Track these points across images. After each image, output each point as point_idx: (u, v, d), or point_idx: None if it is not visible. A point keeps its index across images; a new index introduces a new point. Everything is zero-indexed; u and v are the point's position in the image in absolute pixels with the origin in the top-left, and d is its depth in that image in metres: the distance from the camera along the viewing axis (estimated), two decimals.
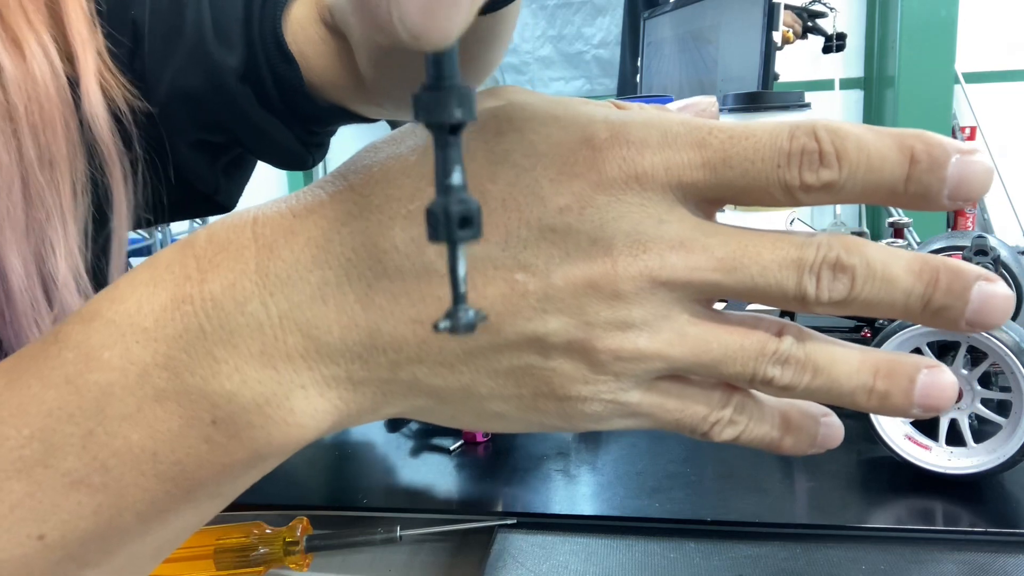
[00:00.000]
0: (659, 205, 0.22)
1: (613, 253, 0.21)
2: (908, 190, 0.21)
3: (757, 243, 0.23)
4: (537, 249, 0.21)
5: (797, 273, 0.22)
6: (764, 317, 0.25)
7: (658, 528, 0.39)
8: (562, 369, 0.22)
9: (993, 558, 0.36)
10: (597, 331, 0.22)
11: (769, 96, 0.99)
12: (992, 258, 0.50)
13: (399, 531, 0.40)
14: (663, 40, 1.97)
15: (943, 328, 0.24)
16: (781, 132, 0.22)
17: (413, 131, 0.23)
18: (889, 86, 4.33)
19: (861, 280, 0.22)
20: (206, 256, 0.22)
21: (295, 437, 0.22)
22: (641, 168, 0.21)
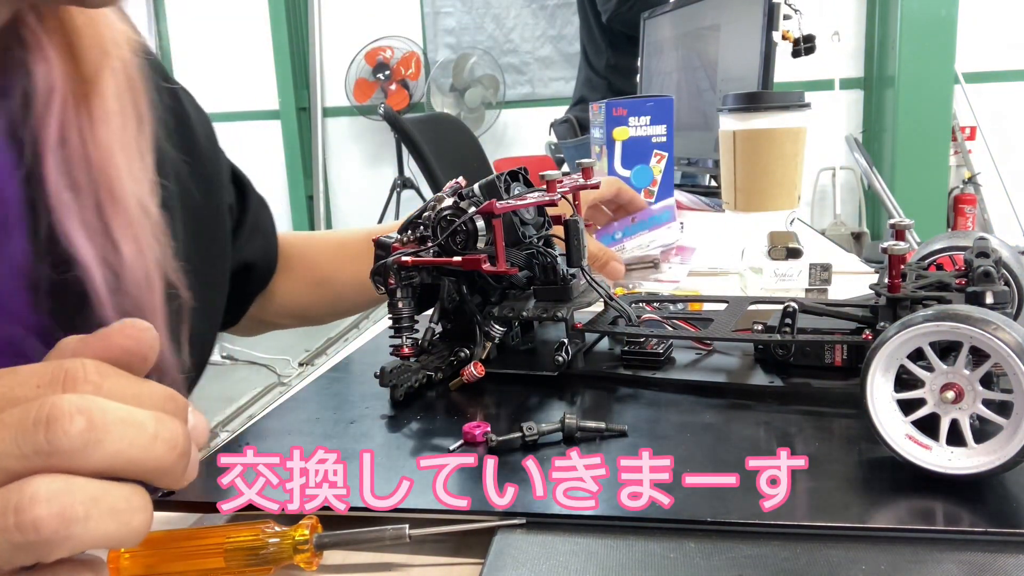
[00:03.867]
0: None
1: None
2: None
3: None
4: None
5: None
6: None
7: (658, 528, 0.39)
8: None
9: (993, 558, 0.36)
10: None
11: (769, 96, 0.99)
12: (993, 260, 0.50)
13: (408, 530, 0.40)
14: (663, 40, 1.97)
15: None
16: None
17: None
18: (889, 86, 4.32)
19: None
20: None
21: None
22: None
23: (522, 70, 4.96)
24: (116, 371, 0.29)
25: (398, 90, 4.85)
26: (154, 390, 0.29)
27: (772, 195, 1.00)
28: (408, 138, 2.44)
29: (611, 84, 2.68)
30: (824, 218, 4.65)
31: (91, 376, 0.28)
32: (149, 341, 0.30)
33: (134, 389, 0.29)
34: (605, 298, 0.61)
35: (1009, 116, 4.44)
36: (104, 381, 0.28)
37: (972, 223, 4.36)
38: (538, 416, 0.54)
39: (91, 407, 0.26)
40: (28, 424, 0.26)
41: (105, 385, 0.28)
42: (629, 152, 1.44)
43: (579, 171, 0.66)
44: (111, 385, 0.28)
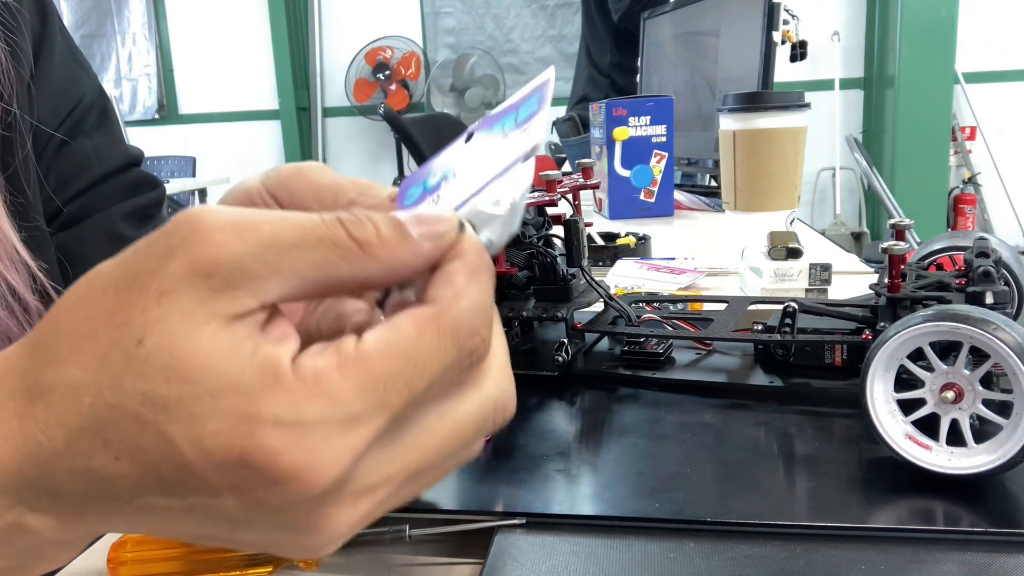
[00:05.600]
0: (345, 480, 0.24)
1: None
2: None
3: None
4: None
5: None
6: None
7: (658, 528, 0.39)
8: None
9: (993, 558, 0.36)
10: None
11: (769, 96, 0.99)
12: (993, 260, 0.50)
13: (408, 531, 0.40)
14: (663, 40, 1.97)
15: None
16: (447, 348, 0.24)
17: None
18: (889, 86, 4.33)
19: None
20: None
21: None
22: (323, 480, 0.23)
23: (522, 70, 4.96)
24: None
25: (398, 90, 4.85)
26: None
27: (772, 195, 1.00)
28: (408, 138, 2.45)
29: (614, 83, 2.69)
30: (824, 218, 4.66)
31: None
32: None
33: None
34: (605, 298, 0.61)
35: (1009, 116, 4.44)
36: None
37: (972, 223, 4.36)
38: (538, 416, 0.54)
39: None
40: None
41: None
42: (629, 152, 1.44)
43: (580, 170, 0.66)
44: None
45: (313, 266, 0.24)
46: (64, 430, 0.23)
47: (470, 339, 0.24)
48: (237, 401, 0.22)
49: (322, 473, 0.22)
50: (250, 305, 0.23)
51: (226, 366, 0.22)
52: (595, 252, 1.09)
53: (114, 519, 0.24)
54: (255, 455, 0.22)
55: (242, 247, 0.23)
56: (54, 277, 0.53)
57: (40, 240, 0.53)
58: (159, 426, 0.22)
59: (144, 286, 0.23)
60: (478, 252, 0.26)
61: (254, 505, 0.23)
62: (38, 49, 0.56)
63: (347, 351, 0.23)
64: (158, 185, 0.65)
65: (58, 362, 0.23)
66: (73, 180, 0.58)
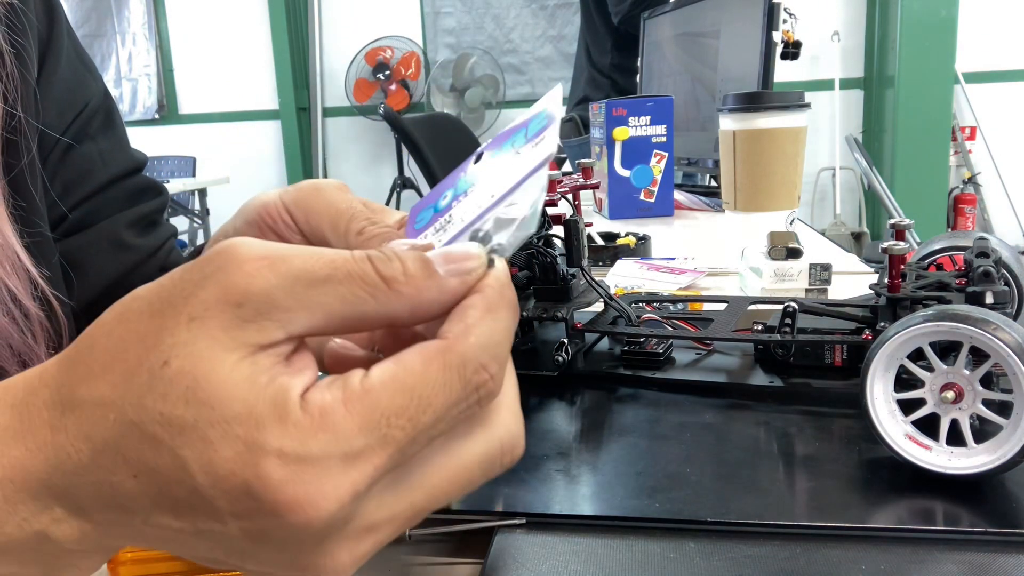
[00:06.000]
0: (347, 517, 0.24)
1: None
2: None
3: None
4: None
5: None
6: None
7: (658, 528, 0.39)
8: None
9: (993, 558, 0.36)
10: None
11: (769, 96, 0.99)
12: (993, 260, 0.50)
13: (408, 530, 0.40)
14: (663, 40, 1.97)
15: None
16: (452, 383, 0.24)
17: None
18: (889, 86, 4.33)
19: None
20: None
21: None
22: (322, 515, 0.23)
23: (522, 70, 4.96)
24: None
25: (398, 90, 4.85)
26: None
27: (772, 195, 1.00)
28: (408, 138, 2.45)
29: (615, 83, 2.69)
30: (824, 218, 4.66)
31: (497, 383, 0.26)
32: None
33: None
34: (605, 298, 0.61)
35: (1009, 116, 4.44)
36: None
37: (972, 223, 4.36)
38: (538, 416, 0.54)
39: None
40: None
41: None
42: (629, 152, 1.44)
43: (580, 170, 0.66)
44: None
45: (341, 301, 0.24)
46: (90, 445, 0.23)
47: (476, 374, 0.24)
48: (247, 430, 0.22)
49: (322, 507, 0.23)
50: (277, 336, 0.24)
51: (242, 394, 0.22)
52: (595, 252, 1.09)
53: (130, 536, 0.25)
54: (257, 485, 0.22)
55: (273, 279, 0.23)
56: (56, 284, 0.53)
57: (43, 246, 0.53)
58: (175, 448, 0.22)
59: (177, 310, 0.23)
60: (499, 289, 0.26)
61: (258, 536, 0.23)
62: (45, 52, 0.56)
63: (353, 386, 0.23)
64: (161, 192, 0.65)
65: (90, 379, 0.24)
66: (78, 185, 0.58)
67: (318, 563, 0.24)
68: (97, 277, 0.57)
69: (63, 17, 0.58)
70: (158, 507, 0.23)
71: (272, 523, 0.23)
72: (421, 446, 0.24)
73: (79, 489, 0.24)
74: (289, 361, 0.24)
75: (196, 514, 0.23)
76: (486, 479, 0.27)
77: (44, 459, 0.24)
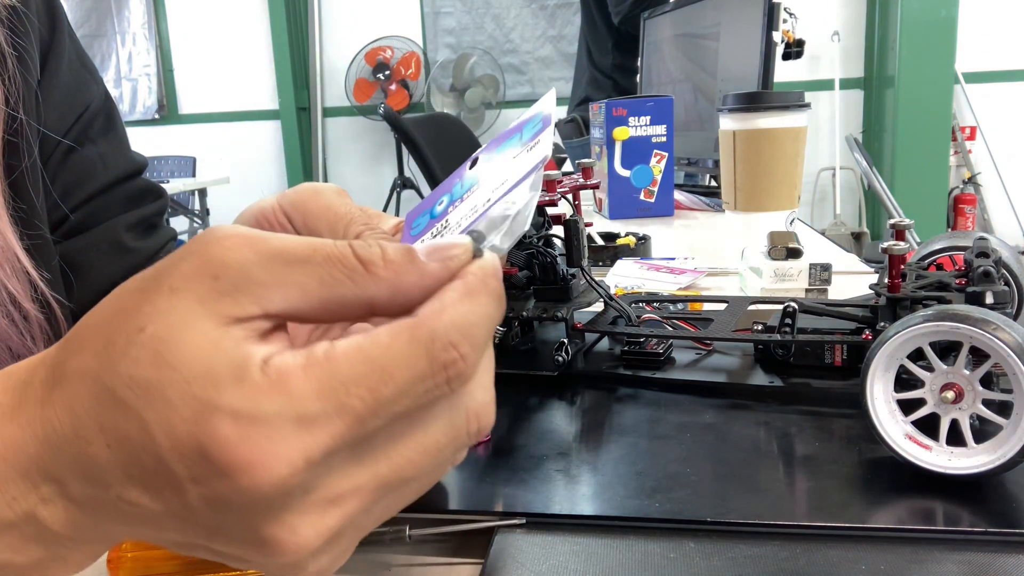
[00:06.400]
0: (305, 487, 0.23)
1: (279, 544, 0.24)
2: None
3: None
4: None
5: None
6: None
7: (658, 528, 0.39)
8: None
9: (993, 558, 0.36)
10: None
11: (769, 96, 0.99)
12: (993, 260, 0.50)
13: (408, 531, 0.40)
14: (663, 40, 1.97)
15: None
16: (417, 357, 0.24)
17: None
18: (889, 86, 4.33)
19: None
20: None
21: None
22: (272, 478, 0.22)
23: (522, 70, 4.96)
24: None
25: (398, 90, 4.85)
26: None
27: (772, 195, 1.00)
28: (408, 138, 2.45)
29: (617, 84, 2.69)
30: (824, 218, 4.66)
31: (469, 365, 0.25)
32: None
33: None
34: (605, 298, 0.61)
35: (1009, 116, 4.44)
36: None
37: (972, 223, 4.36)
38: (538, 416, 0.54)
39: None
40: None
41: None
42: (629, 152, 1.44)
43: (580, 170, 0.66)
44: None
45: (319, 281, 0.24)
46: (71, 415, 0.24)
47: (445, 351, 0.24)
48: (204, 390, 0.22)
49: (272, 469, 0.22)
50: (252, 311, 0.24)
51: (204, 356, 0.23)
52: (595, 252, 1.09)
53: (109, 518, 0.24)
54: (210, 444, 0.22)
55: (251, 255, 0.24)
56: (56, 286, 0.53)
57: (43, 248, 0.53)
58: (140, 411, 0.22)
59: (159, 283, 0.24)
60: (483, 276, 0.25)
61: (216, 503, 0.23)
62: (46, 54, 0.56)
63: (316, 353, 0.23)
64: (161, 195, 0.65)
65: (78, 352, 0.24)
66: (79, 188, 0.58)
67: (279, 536, 0.24)
68: (97, 279, 0.57)
69: (65, 20, 0.59)
70: (129, 479, 0.23)
71: (226, 486, 0.22)
72: (383, 420, 0.24)
73: (63, 463, 0.24)
74: (263, 337, 0.24)
75: (161, 485, 0.23)
76: (456, 450, 0.26)
77: (33, 434, 0.24)
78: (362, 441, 0.24)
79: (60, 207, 0.56)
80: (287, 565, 0.25)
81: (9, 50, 0.51)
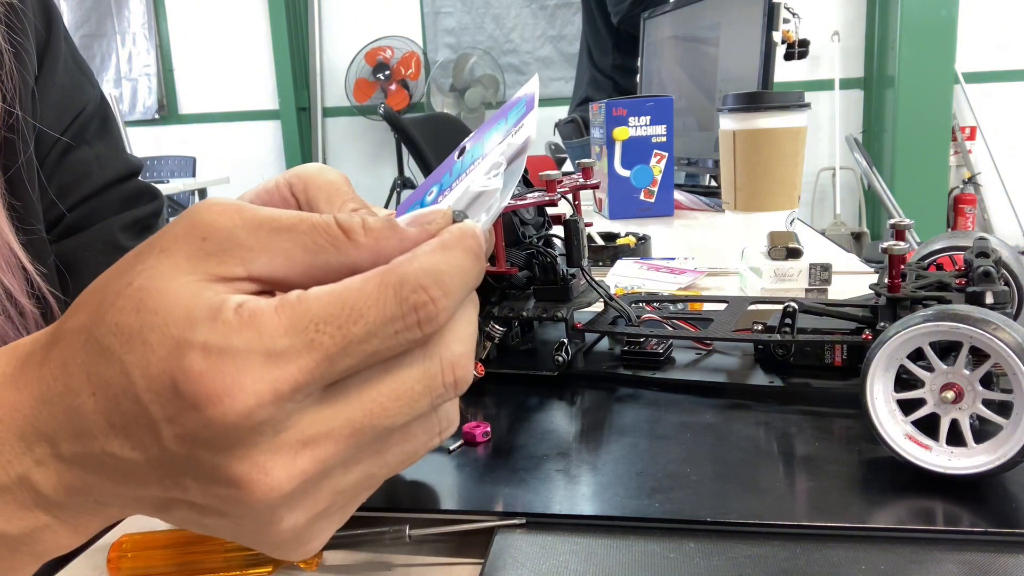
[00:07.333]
0: (275, 424, 0.24)
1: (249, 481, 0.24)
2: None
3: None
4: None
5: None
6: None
7: (658, 528, 0.39)
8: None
9: (993, 558, 0.36)
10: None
11: (769, 96, 0.99)
12: (993, 260, 0.50)
13: (408, 531, 0.40)
14: (663, 40, 1.97)
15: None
16: (387, 298, 0.24)
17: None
18: (889, 86, 4.33)
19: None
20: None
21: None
22: (239, 408, 0.23)
23: (522, 70, 4.96)
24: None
25: (398, 90, 4.85)
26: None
27: (772, 195, 1.00)
28: (408, 138, 2.45)
29: (617, 84, 2.69)
30: (824, 218, 4.66)
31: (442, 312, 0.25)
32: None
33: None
34: (605, 298, 0.61)
35: (1009, 116, 4.44)
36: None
37: (972, 223, 4.36)
38: (538, 416, 0.54)
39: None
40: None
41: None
42: (629, 152, 1.44)
43: (580, 170, 0.66)
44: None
45: (303, 248, 0.25)
46: (64, 371, 0.24)
47: (415, 293, 0.24)
48: (180, 330, 0.23)
49: (239, 400, 0.23)
50: (237, 272, 0.25)
51: (184, 302, 0.23)
52: (595, 252, 1.09)
53: (95, 475, 0.25)
54: (181, 378, 0.23)
55: (239, 220, 0.25)
56: (52, 282, 0.53)
57: (39, 246, 0.53)
58: (120, 355, 0.23)
59: (151, 245, 0.25)
60: (458, 233, 0.26)
61: (187, 440, 0.23)
62: (42, 55, 0.56)
63: (290, 296, 0.24)
64: (157, 196, 0.65)
65: (75, 312, 0.25)
66: (74, 189, 0.58)
67: (250, 476, 0.24)
68: (91, 279, 0.57)
69: (60, 22, 0.59)
70: (111, 427, 0.24)
71: (195, 420, 0.23)
72: (353, 360, 0.24)
73: (55, 420, 0.24)
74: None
75: (139, 430, 0.24)
76: (432, 400, 0.26)
77: (30, 394, 0.25)
78: (333, 381, 0.24)
79: (56, 207, 0.56)
80: (259, 512, 0.25)
81: (6, 47, 0.51)
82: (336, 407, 0.25)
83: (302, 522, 0.26)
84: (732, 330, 0.59)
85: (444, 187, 0.31)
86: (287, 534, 0.26)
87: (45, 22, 0.57)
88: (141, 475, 0.24)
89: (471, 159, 0.31)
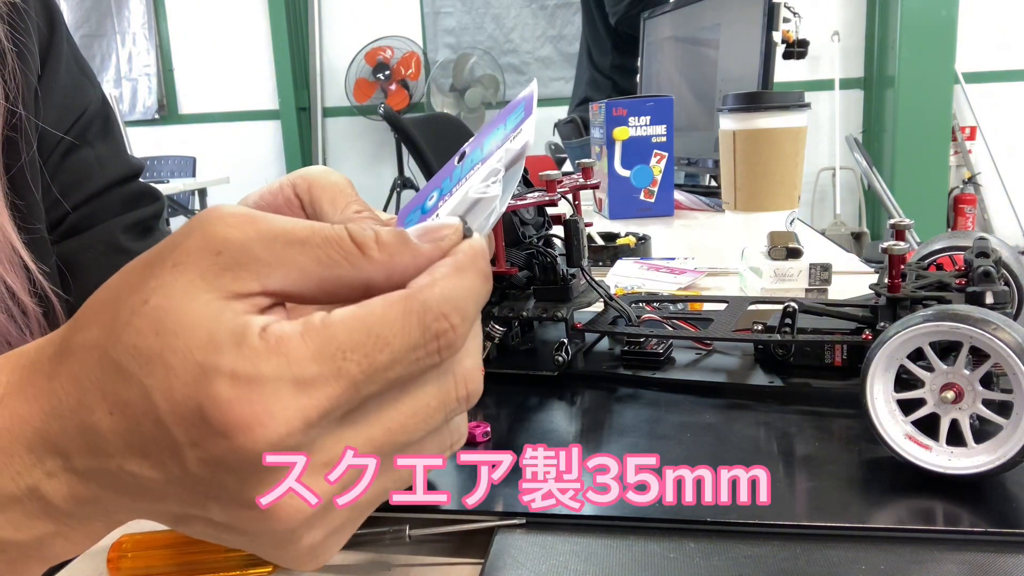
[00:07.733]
0: (301, 449, 0.24)
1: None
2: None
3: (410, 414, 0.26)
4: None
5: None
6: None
7: (658, 528, 0.39)
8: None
9: (993, 558, 0.36)
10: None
11: (769, 96, 0.99)
12: (993, 260, 0.50)
13: (408, 531, 0.40)
14: (663, 40, 1.97)
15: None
16: (411, 327, 0.24)
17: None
18: (889, 86, 4.33)
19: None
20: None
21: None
22: (270, 437, 0.23)
23: (522, 70, 4.96)
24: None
25: (398, 90, 4.85)
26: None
27: (772, 195, 1.00)
28: (408, 138, 2.45)
29: (616, 84, 2.69)
30: (824, 218, 4.66)
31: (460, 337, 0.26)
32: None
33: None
34: (605, 298, 0.61)
35: (1009, 116, 4.44)
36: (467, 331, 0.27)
37: (972, 223, 4.36)
38: (538, 416, 0.54)
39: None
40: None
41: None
42: (629, 152, 1.44)
43: (580, 170, 0.66)
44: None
45: (316, 262, 0.25)
46: (77, 386, 0.24)
47: (437, 322, 0.25)
48: (204, 354, 0.23)
49: (269, 428, 0.23)
50: (252, 287, 0.24)
51: (206, 324, 0.23)
52: (595, 252, 1.09)
53: (110, 490, 0.25)
54: (208, 405, 0.23)
55: (253, 233, 0.24)
56: (54, 280, 0.53)
57: (41, 245, 0.53)
58: (141, 378, 0.23)
59: (164, 259, 0.25)
60: (471, 253, 0.26)
61: (213, 465, 0.23)
62: (45, 55, 0.56)
63: (313, 320, 0.24)
64: (158, 198, 0.66)
65: (85, 326, 0.25)
66: (75, 190, 0.58)
67: (276, 501, 0.24)
68: (93, 280, 0.57)
69: (63, 22, 0.59)
70: (129, 447, 0.24)
71: (223, 447, 0.23)
72: (377, 387, 0.24)
73: (67, 435, 0.24)
74: (263, 312, 0.25)
75: (160, 451, 0.23)
76: (446, 415, 0.27)
77: (39, 407, 0.25)
78: (357, 406, 0.25)
79: (57, 207, 0.56)
80: (281, 533, 0.25)
81: (9, 46, 0.51)
82: (357, 428, 0.25)
83: (319, 539, 0.26)
84: (732, 330, 0.59)
85: (444, 192, 0.31)
86: (304, 550, 0.26)
87: (48, 22, 0.57)
88: (159, 492, 0.25)
89: (470, 164, 0.31)
